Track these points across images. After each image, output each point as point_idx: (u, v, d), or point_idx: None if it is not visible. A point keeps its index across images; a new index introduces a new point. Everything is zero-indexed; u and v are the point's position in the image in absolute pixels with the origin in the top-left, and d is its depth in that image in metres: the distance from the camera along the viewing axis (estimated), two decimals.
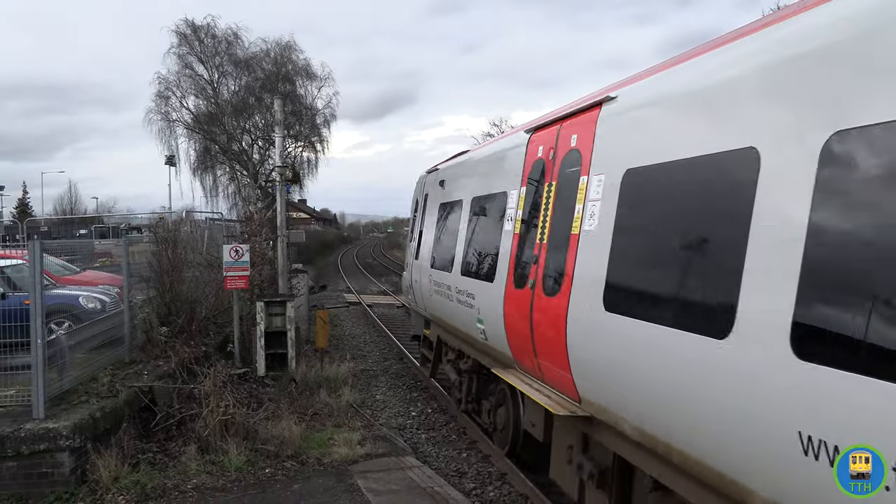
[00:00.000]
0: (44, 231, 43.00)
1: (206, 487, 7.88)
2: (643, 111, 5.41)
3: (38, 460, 7.44)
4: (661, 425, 4.67)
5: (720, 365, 3.93)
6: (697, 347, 4.13)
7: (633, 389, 5.02)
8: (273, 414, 9.91)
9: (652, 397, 4.75)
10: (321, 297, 28.52)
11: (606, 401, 5.46)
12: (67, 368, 8.65)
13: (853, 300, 3.20)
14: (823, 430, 3.16)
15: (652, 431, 4.77)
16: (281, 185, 15.58)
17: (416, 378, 14.30)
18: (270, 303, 13.37)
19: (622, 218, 5.26)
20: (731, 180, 4.12)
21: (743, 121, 4.13)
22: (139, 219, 36.81)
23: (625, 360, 5.05)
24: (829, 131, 3.37)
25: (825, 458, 3.11)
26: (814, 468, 3.18)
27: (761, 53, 4.15)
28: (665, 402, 4.57)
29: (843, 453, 2.95)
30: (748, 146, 3.93)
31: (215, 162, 37.02)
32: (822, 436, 3.15)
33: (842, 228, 3.35)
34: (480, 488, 8.40)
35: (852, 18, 3.48)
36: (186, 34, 34.03)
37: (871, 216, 3.19)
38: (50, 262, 13.55)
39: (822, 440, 3.14)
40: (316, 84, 36.12)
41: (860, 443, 2.94)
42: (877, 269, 3.09)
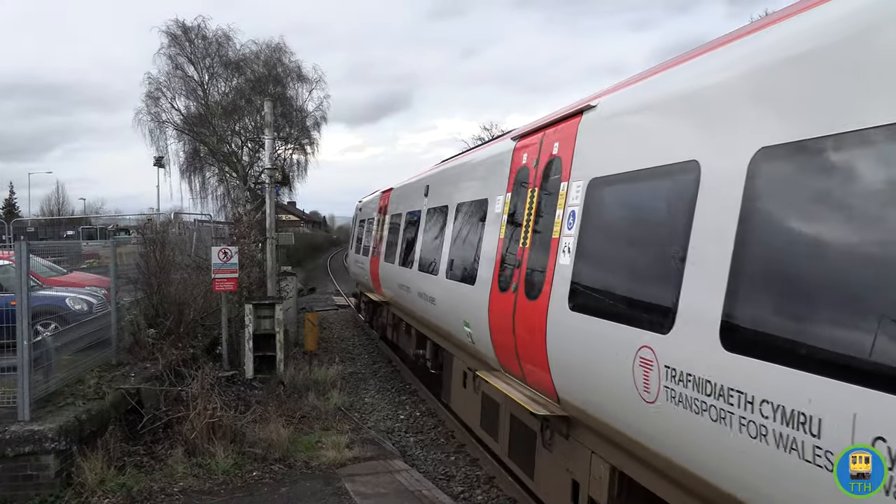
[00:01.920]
0: (31, 232, 42.66)
1: (192, 490, 7.85)
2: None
3: (23, 463, 7.38)
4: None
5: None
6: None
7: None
8: (261, 417, 9.87)
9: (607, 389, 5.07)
10: (310, 300, 28.46)
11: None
12: (53, 370, 8.59)
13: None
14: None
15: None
16: (270, 188, 15.54)
17: (404, 381, 14.30)
18: (259, 305, 13.34)
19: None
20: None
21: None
22: (127, 220, 36.70)
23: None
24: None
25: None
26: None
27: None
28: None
29: (842, 454, 2.96)
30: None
31: (204, 163, 36.93)
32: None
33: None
34: (468, 492, 8.41)
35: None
36: (177, 35, 33.97)
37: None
38: (36, 264, 13.47)
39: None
40: (307, 86, 36.14)
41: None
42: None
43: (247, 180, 34.07)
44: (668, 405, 4.20)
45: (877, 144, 3.07)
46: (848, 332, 3.13)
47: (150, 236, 13.04)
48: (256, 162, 34.47)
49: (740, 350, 3.66)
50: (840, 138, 3.23)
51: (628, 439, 4.83)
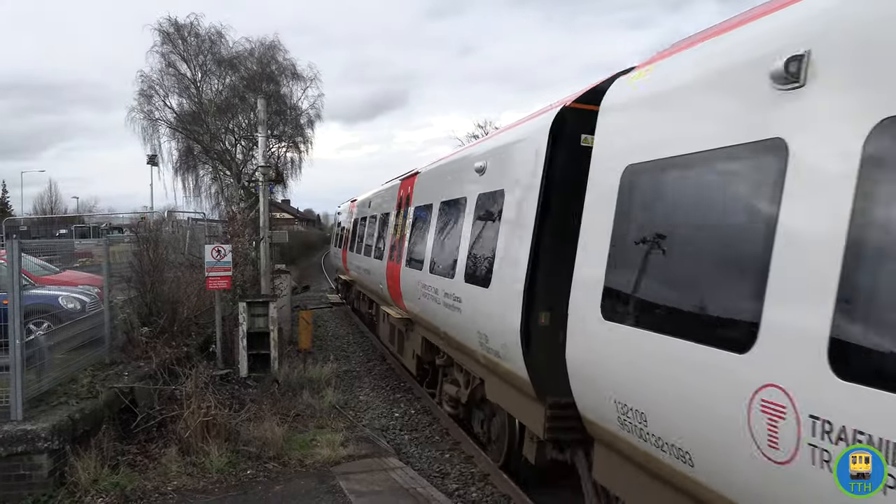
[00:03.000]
0: (23, 231, 42.52)
1: (186, 489, 7.83)
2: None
3: (15, 462, 7.34)
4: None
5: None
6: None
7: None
8: (255, 415, 9.85)
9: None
10: (304, 298, 28.41)
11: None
12: (46, 369, 8.56)
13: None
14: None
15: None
16: (264, 186, 15.51)
17: (399, 379, 14.30)
18: (253, 303, 13.31)
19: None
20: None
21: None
22: (120, 218, 36.55)
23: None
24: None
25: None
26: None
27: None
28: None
29: (842, 454, 2.92)
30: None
31: (198, 161, 36.82)
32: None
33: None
34: (463, 489, 8.42)
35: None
36: (169, 32, 33.79)
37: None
38: (29, 262, 13.40)
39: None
40: (301, 84, 36.03)
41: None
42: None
43: (241, 178, 33.92)
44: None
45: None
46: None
47: (143, 235, 12.98)
48: (250, 160, 34.29)
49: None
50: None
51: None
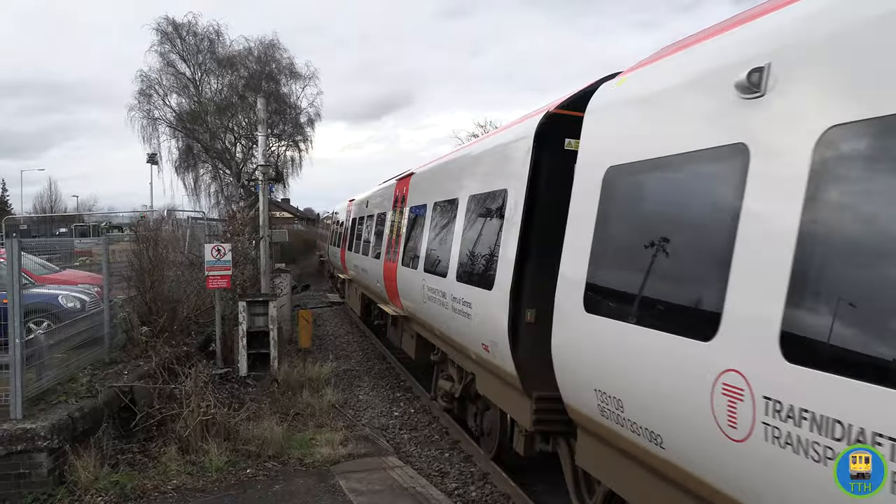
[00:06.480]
0: (23, 229, 42.51)
1: (186, 488, 7.83)
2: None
3: (15, 461, 7.34)
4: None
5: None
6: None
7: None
8: (255, 414, 9.86)
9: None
10: (304, 297, 28.42)
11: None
12: (46, 368, 8.56)
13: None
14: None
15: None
16: (264, 184, 15.51)
17: (399, 378, 14.31)
18: (253, 302, 13.31)
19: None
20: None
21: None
22: (120, 217, 36.60)
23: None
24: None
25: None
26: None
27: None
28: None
29: (842, 454, 2.91)
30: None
31: (198, 160, 36.85)
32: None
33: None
34: (462, 488, 8.42)
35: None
36: (167, 31, 33.82)
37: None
38: (28, 261, 13.40)
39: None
40: (300, 83, 36.05)
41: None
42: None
43: (240, 177, 33.96)
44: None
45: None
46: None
47: (143, 233, 12.97)
48: (250, 159, 34.34)
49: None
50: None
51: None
